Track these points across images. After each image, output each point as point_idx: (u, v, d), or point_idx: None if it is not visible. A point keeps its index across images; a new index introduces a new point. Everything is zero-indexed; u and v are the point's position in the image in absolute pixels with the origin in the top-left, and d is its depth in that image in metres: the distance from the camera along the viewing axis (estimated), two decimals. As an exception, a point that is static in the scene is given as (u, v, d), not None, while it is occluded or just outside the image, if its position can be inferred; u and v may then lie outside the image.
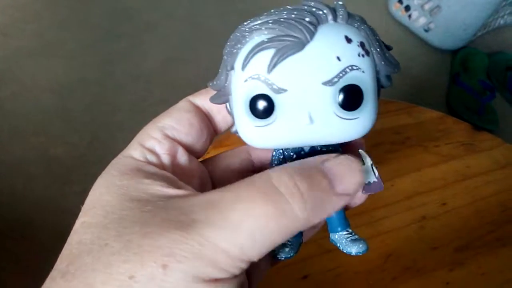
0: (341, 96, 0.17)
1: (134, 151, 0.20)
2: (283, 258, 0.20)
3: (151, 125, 0.21)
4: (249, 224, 0.15)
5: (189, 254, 0.14)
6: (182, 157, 0.21)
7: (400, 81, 1.24)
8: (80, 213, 0.18)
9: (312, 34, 0.16)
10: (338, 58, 0.16)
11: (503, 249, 0.38)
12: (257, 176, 0.16)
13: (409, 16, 1.30)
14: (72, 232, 0.17)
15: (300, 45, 0.16)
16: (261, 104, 0.17)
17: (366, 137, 0.19)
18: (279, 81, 0.16)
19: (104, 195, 0.17)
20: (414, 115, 0.47)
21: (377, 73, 0.18)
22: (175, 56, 1.26)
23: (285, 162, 0.19)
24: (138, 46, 1.27)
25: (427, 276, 0.36)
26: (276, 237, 0.15)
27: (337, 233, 0.20)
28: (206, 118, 0.22)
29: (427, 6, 1.23)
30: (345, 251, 0.20)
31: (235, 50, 0.17)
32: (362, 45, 0.17)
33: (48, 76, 1.18)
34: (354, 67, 0.17)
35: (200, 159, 0.23)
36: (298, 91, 0.17)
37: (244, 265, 0.15)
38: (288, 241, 0.20)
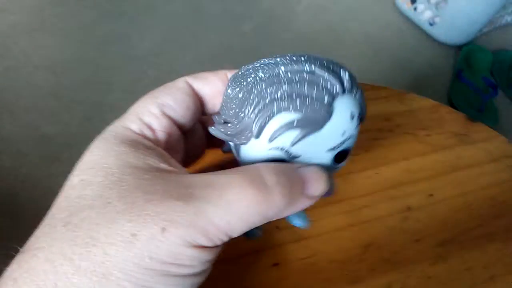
0: (336, 156, 0.22)
1: (132, 124, 0.21)
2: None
3: (150, 100, 0.22)
4: (240, 205, 0.18)
5: (185, 222, 0.17)
6: (175, 135, 0.23)
7: (402, 74, 1.21)
8: (75, 171, 0.19)
9: (330, 116, 0.19)
10: (343, 133, 0.21)
11: (490, 244, 0.36)
12: (248, 167, 0.19)
13: (415, 8, 1.27)
14: (67, 187, 0.19)
15: (320, 127, 0.19)
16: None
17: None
18: (296, 150, 0.20)
19: (103, 158, 0.19)
20: (406, 102, 0.45)
21: None
22: (173, 38, 1.24)
23: None
24: (137, 27, 1.25)
25: (407, 269, 0.34)
26: (256, 220, 0.18)
27: None
28: (199, 103, 0.24)
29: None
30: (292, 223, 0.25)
31: (257, 118, 0.19)
32: (359, 117, 0.21)
33: (43, 53, 1.16)
34: (351, 137, 0.21)
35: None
36: (308, 156, 0.21)
37: (226, 239, 0.18)
38: None
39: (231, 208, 0.17)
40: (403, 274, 0.33)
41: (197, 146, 0.26)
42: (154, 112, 0.21)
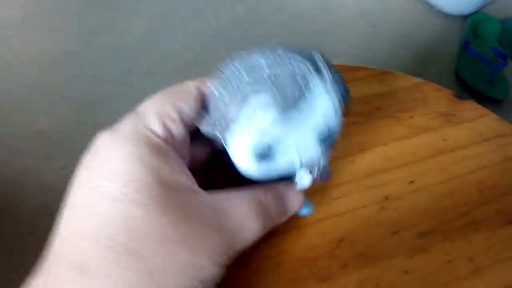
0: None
1: (157, 127, 0.21)
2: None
3: (167, 102, 0.22)
4: (249, 242, 0.22)
5: (215, 265, 0.20)
6: (187, 142, 0.23)
7: (404, 50, 1.16)
8: (107, 175, 0.19)
9: (304, 95, 0.21)
10: (325, 116, 0.22)
11: (476, 234, 0.33)
12: (255, 193, 0.23)
13: (416, -21, 1.21)
14: (108, 197, 0.18)
15: (294, 103, 0.21)
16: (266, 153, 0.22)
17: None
18: (279, 137, 0.21)
19: (143, 174, 0.19)
20: (387, 82, 0.42)
21: None
22: (161, 26, 1.21)
23: None
24: (123, 16, 1.22)
25: (382, 263, 0.31)
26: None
27: None
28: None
29: (434, -32, 1.15)
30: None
31: (233, 104, 0.21)
32: (340, 103, 0.22)
33: (30, 50, 1.14)
34: (335, 123, 0.23)
35: None
36: (295, 149, 0.22)
37: None
38: None
39: (245, 245, 0.22)
40: (377, 270, 0.31)
41: (201, 150, 0.26)
42: (174, 117, 0.22)
